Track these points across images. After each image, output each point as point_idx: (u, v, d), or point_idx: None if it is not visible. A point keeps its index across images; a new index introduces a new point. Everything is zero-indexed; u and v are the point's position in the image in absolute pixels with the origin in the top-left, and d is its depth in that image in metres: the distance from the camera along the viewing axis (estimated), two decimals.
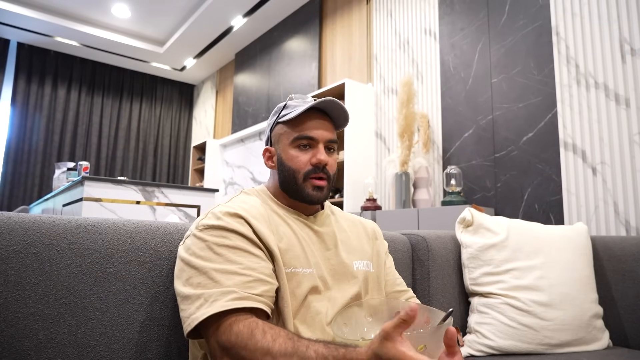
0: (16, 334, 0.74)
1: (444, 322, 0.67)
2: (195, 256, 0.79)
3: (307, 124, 0.92)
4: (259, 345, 0.67)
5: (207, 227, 0.82)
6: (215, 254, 0.78)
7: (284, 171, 0.94)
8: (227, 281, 0.75)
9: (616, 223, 2.10)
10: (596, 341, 1.30)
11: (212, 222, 0.82)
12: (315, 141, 0.92)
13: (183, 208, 3.20)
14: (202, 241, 0.80)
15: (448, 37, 3.06)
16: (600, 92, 2.23)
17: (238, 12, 4.85)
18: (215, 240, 0.80)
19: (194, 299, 0.74)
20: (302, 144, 0.92)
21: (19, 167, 5.60)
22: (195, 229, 0.83)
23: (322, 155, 0.91)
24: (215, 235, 0.80)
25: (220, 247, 0.79)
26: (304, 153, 0.92)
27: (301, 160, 0.92)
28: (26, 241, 0.78)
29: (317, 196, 0.92)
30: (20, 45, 5.77)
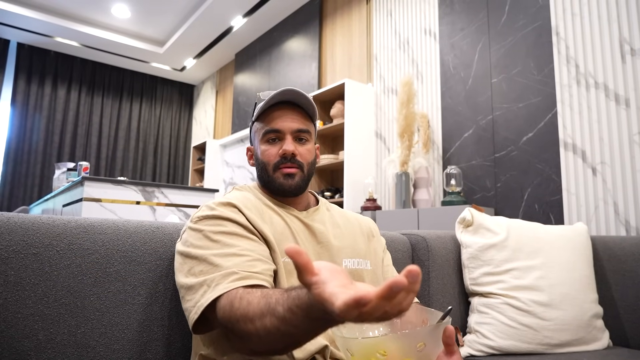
0: (16, 335, 0.74)
1: (443, 321, 0.67)
2: (193, 247, 0.79)
3: (274, 118, 0.94)
4: (239, 313, 0.66)
5: (202, 217, 0.83)
6: (212, 242, 0.79)
7: (258, 166, 0.97)
8: (226, 263, 0.75)
9: (616, 223, 2.10)
10: (596, 341, 1.30)
11: (206, 212, 0.83)
12: (282, 133, 0.94)
13: (183, 208, 3.20)
14: (198, 232, 0.81)
15: (448, 37, 3.06)
16: (600, 92, 2.23)
17: (238, 12, 4.85)
18: (210, 229, 0.80)
19: (198, 287, 0.74)
20: (271, 138, 0.94)
21: (19, 168, 5.60)
22: (190, 222, 0.84)
23: (288, 146, 0.92)
24: (210, 224, 0.81)
25: (216, 234, 0.80)
26: (273, 146, 0.94)
27: (270, 153, 0.94)
28: (26, 241, 0.78)
29: (288, 184, 0.92)
30: (20, 45, 5.77)
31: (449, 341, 0.69)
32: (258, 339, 0.63)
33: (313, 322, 0.55)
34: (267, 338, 0.62)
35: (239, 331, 0.66)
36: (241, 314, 0.66)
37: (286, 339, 0.61)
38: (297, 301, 0.57)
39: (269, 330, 0.61)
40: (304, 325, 0.57)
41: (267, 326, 0.61)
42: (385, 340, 0.66)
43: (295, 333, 0.59)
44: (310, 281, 0.48)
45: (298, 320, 0.57)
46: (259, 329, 0.62)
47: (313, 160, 0.98)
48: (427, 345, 0.64)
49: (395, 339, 0.66)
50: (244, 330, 0.65)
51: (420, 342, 0.64)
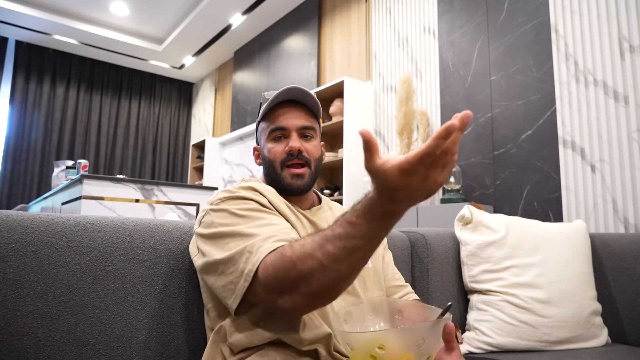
0: (15, 332, 0.74)
1: (443, 317, 0.67)
2: (221, 225, 0.79)
3: (279, 116, 0.95)
4: (294, 257, 0.65)
5: (224, 199, 0.83)
6: (241, 217, 0.79)
7: (265, 164, 0.97)
8: (264, 230, 0.74)
9: (615, 220, 2.11)
10: (595, 338, 1.31)
11: (227, 195, 0.84)
12: (287, 130, 0.94)
13: (182, 206, 3.20)
14: (223, 211, 0.80)
15: (447, 34, 3.06)
16: (599, 89, 2.23)
17: (237, 9, 4.84)
18: (236, 207, 0.80)
19: (237, 257, 0.73)
20: (277, 136, 0.95)
21: (18, 166, 5.59)
22: (210, 206, 0.84)
23: (294, 143, 0.93)
24: (235, 203, 0.81)
25: (244, 211, 0.80)
26: (279, 144, 0.95)
27: (277, 151, 0.94)
28: (25, 239, 0.77)
29: (296, 184, 0.93)
30: (18, 43, 5.75)
31: (449, 337, 0.69)
32: (322, 270, 0.63)
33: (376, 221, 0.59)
34: (331, 264, 0.62)
35: (300, 274, 0.64)
36: (298, 256, 0.65)
37: (352, 255, 0.62)
38: (354, 213, 0.61)
39: (333, 254, 0.62)
40: (367, 231, 0.60)
41: (330, 251, 0.62)
42: (385, 335, 0.67)
43: (360, 245, 0.61)
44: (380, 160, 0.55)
45: (361, 227, 0.60)
46: (322, 259, 0.63)
47: (319, 157, 0.99)
48: (426, 341, 0.64)
49: (395, 333, 0.66)
50: (305, 269, 0.64)
51: (419, 337, 0.64)
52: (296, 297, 0.67)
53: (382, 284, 0.99)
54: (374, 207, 0.59)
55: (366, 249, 0.62)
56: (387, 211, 0.59)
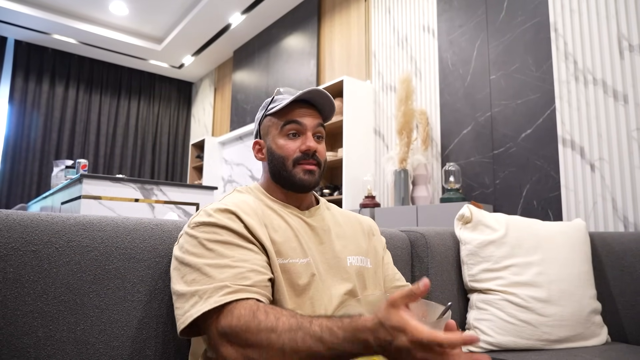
0: (15, 332, 0.74)
1: (444, 316, 0.67)
2: (188, 253, 0.79)
3: (295, 112, 0.94)
4: (263, 325, 0.67)
5: (199, 224, 0.82)
6: (207, 250, 0.78)
7: (273, 160, 0.95)
8: (219, 275, 0.75)
9: (614, 219, 2.11)
10: (595, 337, 1.31)
11: (203, 219, 0.83)
12: (304, 128, 0.94)
13: (182, 206, 3.20)
14: (193, 238, 0.81)
15: (446, 34, 3.06)
16: (598, 88, 2.23)
17: (236, 9, 4.84)
18: (206, 237, 0.80)
19: (189, 297, 0.74)
20: (292, 132, 0.94)
21: (17, 165, 5.59)
22: (187, 227, 0.84)
23: (311, 142, 0.93)
24: (206, 231, 0.81)
25: (211, 243, 0.79)
26: (293, 141, 0.94)
27: (290, 148, 0.93)
28: (25, 239, 0.77)
29: (308, 180, 0.92)
30: (17, 42, 5.74)
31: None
32: (278, 351, 0.64)
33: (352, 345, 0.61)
34: (290, 353, 0.64)
35: (258, 342, 0.66)
36: (267, 326, 0.66)
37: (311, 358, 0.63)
38: (339, 323, 0.62)
39: (297, 347, 0.63)
40: (339, 347, 0.61)
41: (296, 342, 0.63)
42: None
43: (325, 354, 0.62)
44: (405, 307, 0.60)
45: (336, 341, 0.61)
46: (285, 343, 0.64)
47: (326, 159, 0.99)
48: None
49: None
50: (265, 341, 0.65)
51: None
52: (240, 356, 0.68)
53: (381, 285, 0.99)
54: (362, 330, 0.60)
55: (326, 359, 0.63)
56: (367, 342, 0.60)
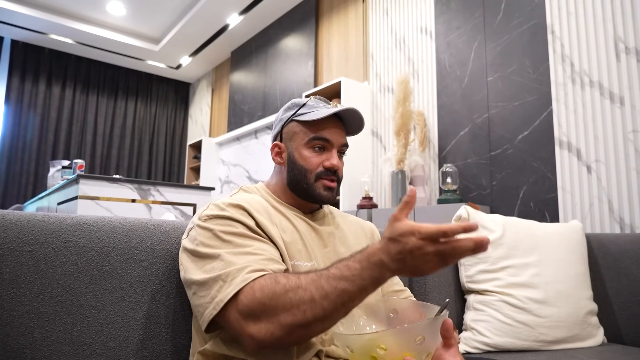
0: (11, 332, 0.74)
1: (441, 314, 0.67)
2: (203, 245, 0.78)
3: (325, 127, 0.94)
4: (288, 286, 0.67)
5: (211, 217, 0.81)
6: (223, 241, 0.78)
7: (294, 169, 0.94)
8: (240, 260, 0.74)
9: (610, 221, 2.12)
10: (591, 338, 1.31)
11: (215, 212, 0.82)
12: (331, 144, 0.94)
13: (179, 206, 3.19)
14: (207, 230, 0.80)
15: (444, 35, 3.07)
16: (595, 90, 2.24)
17: (234, 10, 4.84)
18: (221, 229, 0.79)
19: (212, 283, 0.72)
20: (318, 146, 0.94)
21: (13, 166, 5.56)
22: (198, 220, 0.83)
23: (336, 160, 0.93)
24: (220, 224, 0.80)
25: (227, 235, 0.78)
26: (317, 155, 0.93)
27: (314, 162, 0.93)
28: (21, 239, 0.77)
29: (327, 196, 0.93)
30: (14, 42, 5.72)
31: (447, 334, 0.69)
32: (310, 303, 0.65)
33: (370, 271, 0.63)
34: (320, 300, 0.65)
35: (288, 302, 0.66)
36: (292, 285, 0.67)
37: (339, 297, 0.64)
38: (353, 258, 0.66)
39: (325, 291, 0.65)
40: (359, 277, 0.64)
41: (323, 287, 0.65)
42: (385, 335, 0.67)
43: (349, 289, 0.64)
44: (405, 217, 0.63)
45: (356, 272, 0.64)
46: (314, 292, 0.65)
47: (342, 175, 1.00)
48: (426, 338, 0.65)
49: (395, 333, 0.66)
50: (294, 298, 0.66)
51: (419, 335, 0.64)
52: (272, 326, 0.66)
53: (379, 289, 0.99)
54: (373, 254, 0.63)
55: (353, 294, 0.65)
56: (381, 261, 0.62)
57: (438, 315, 0.67)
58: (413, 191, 0.63)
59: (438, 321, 0.67)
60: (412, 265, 0.61)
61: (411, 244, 0.59)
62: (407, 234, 0.60)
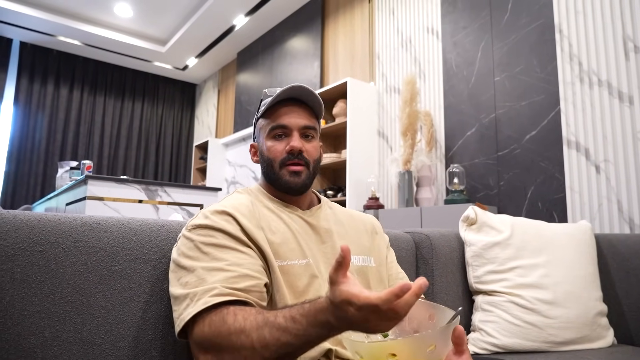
0: (22, 332, 0.74)
1: (452, 322, 0.66)
2: (184, 256, 0.80)
3: (281, 114, 0.94)
4: (232, 328, 0.68)
5: (195, 226, 0.83)
6: (202, 253, 0.79)
7: (263, 162, 0.96)
8: (211, 278, 0.75)
9: (620, 221, 2.10)
10: (601, 339, 1.30)
11: (200, 221, 0.83)
12: (289, 129, 0.94)
13: (186, 207, 3.21)
14: (190, 241, 0.81)
15: (450, 35, 3.06)
16: (603, 89, 2.23)
17: (240, 11, 4.85)
18: (202, 240, 0.81)
19: (182, 299, 0.75)
20: (277, 134, 0.94)
21: (22, 166, 5.62)
22: (185, 230, 0.85)
23: (295, 142, 0.92)
24: (202, 234, 0.81)
25: (207, 246, 0.80)
26: (280, 142, 0.94)
27: (277, 149, 0.94)
28: (32, 239, 0.78)
29: (294, 182, 0.92)
30: (22, 44, 5.78)
31: (459, 341, 0.68)
32: (250, 350, 0.65)
33: (316, 328, 0.62)
34: (260, 349, 0.65)
35: (230, 345, 0.67)
36: (236, 328, 0.67)
37: (281, 349, 0.64)
38: (301, 310, 0.64)
39: (267, 342, 0.64)
40: (304, 332, 0.63)
41: (265, 337, 0.65)
42: (396, 343, 0.66)
43: (292, 342, 0.64)
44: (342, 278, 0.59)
45: (301, 327, 0.63)
46: (255, 341, 0.65)
47: (318, 158, 0.98)
48: (437, 346, 0.64)
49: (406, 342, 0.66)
50: (237, 343, 0.66)
51: (431, 345, 0.64)
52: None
53: (385, 284, 0.99)
54: (320, 312, 0.62)
55: (296, 347, 0.64)
56: (328, 322, 0.61)
57: (450, 324, 0.66)
58: (345, 249, 0.58)
59: (450, 329, 0.66)
60: (362, 328, 0.59)
61: (351, 314, 0.57)
62: (344, 304, 0.57)
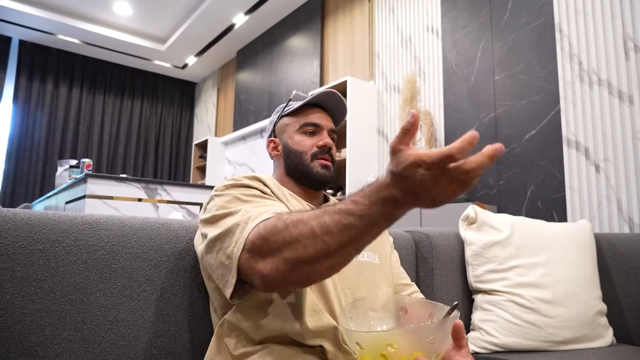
0: (23, 330, 0.74)
1: (451, 315, 0.67)
2: (223, 208, 0.79)
3: (312, 114, 1.01)
4: (289, 222, 0.64)
5: (229, 186, 0.85)
6: (243, 202, 0.80)
7: (290, 155, 0.99)
8: (262, 209, 0.75)
9: (619, 220, 2.10)
10: (600, 338, 1.30)
11: (232, 182, 0.86)
12: (320, 127, 1.00)
13: (186, 206, 3.21)
14: (227, 195, 0.82)
15: (450, 34, 3.06)
16: (603, 89, 2.23)
17: (239, 9, 4.85)
18: (241, 192, 0.82)
19: (234, 229, 0.72)
20: (308, 131, 0.99)
21: (21, 165, 5.61)
22: (215, 192, 0.85)
23: (328, 139, 0.99)
24: (239, 190, 0.84)
25: (247, 196, 0.81)
26: (310, 138, 0.99)
27: (307, 144, 0.98)
28: (32, 237, 0.78)
29: (324, 174, 0.97)
30: (22, 42, 5.77)
31: (458, 336, 0.69)
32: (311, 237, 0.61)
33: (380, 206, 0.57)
34: (322, 235, 0.60)
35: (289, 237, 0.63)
36: (293, 220, 0.64)
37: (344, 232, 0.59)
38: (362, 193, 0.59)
39: (327, 226, 0.60)
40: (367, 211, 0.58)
41: (325, 222, 0.61)
42: (395, 334, 0.67)
43: (356, 223, 0.58)
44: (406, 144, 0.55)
45: (364, 207, 0.58)
46: (315, 227, 0.61)
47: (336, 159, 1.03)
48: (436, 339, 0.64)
49: (405, 333, 0.66)
50: (295, 233, 0.62)
51: (430, 336, 0.64)
52: (277, 262, 0.64)
53: (390, 281, 1.00)
54: (382, 188, 0.57)
55: (360, 230, 0.59)
56: (392, 197, 0.56)
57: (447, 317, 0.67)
58: (415, 116, 0.54)
59: (448, 322, 0.67)
60: (427, 197, 0.54)
61: (419, 177, 0.52)
62: (411, 167, 0.53)
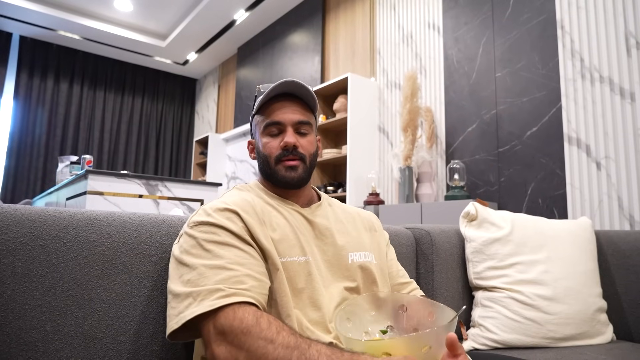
0: (23, 326, 0.74)
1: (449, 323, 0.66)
2: (186, 253, 0.79)
3: (274, 110, 0.94)
4: (263, 334, 0.67)
5: (197, 223, 0.82)
6: (204, 250, 0.78)
7: (260, 159, 0.97)
8: (214, 277, 0.74)
9: (620, 217, 2.10)
10: (600, 335, 1.30)
11: (202, 218, 0.82)
12: (283, 125, 0.94)
13: (186, 202, 3.21)
14: (192, 238, 0.80)
15: (452, 31, 3.05)
16: (605, 86, 2.22)
17: (240, 5, 4.84)
18: (204, 237, 0.80)
19: (183, 298, 0.74)
20: (272, 131, 0.94)
21: (22, 161, 5.61)
22: (186, 227, 0.84)
23: (289, 138, 0.92)
24: (204, 231, 0.80)
25: (209, 243, 0.79)
26: (275, 139, 0.94)
27: (272, 146, 0.94)
28: (33, 233, 0.78)
29: (290, 176, 0.92)
30: (22, 38, 5.76)
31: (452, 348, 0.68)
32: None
33: None
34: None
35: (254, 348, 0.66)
36: (266, 336, 0.67)
37: None
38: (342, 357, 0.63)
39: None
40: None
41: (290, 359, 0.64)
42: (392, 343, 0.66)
43: None
44: None
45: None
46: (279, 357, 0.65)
47: (315, 152, 0.98)
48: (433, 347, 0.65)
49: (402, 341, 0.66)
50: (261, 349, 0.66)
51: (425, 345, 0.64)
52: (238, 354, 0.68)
53: (387, 280, 0.99)
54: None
55: None
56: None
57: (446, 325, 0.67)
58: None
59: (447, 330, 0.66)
60: None
61: None
62: None
